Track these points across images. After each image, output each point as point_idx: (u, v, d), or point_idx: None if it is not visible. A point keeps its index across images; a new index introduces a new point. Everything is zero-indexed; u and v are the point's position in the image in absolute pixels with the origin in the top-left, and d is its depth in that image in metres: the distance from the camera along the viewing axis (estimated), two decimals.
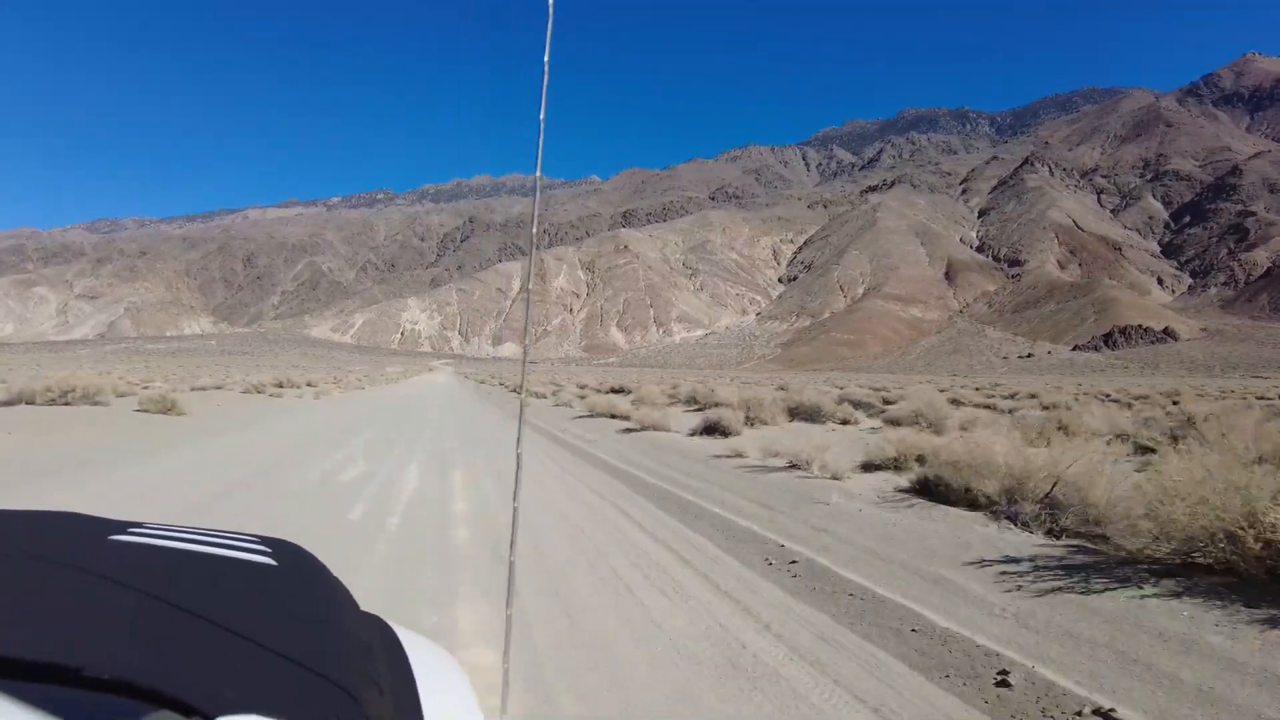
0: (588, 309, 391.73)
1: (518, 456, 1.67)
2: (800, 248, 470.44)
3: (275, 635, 0.51)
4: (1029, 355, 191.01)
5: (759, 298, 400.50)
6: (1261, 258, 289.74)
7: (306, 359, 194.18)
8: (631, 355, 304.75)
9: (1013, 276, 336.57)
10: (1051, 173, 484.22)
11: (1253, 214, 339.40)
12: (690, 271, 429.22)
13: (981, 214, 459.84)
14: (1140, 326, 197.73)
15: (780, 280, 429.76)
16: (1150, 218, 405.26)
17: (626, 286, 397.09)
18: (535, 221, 1.62)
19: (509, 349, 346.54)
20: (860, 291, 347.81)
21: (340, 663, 0.52)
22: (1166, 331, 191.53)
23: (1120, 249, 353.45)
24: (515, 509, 1.63)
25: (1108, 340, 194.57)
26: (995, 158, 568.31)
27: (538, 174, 1.50)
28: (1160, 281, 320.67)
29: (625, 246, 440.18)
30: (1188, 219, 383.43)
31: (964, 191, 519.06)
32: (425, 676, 0.65)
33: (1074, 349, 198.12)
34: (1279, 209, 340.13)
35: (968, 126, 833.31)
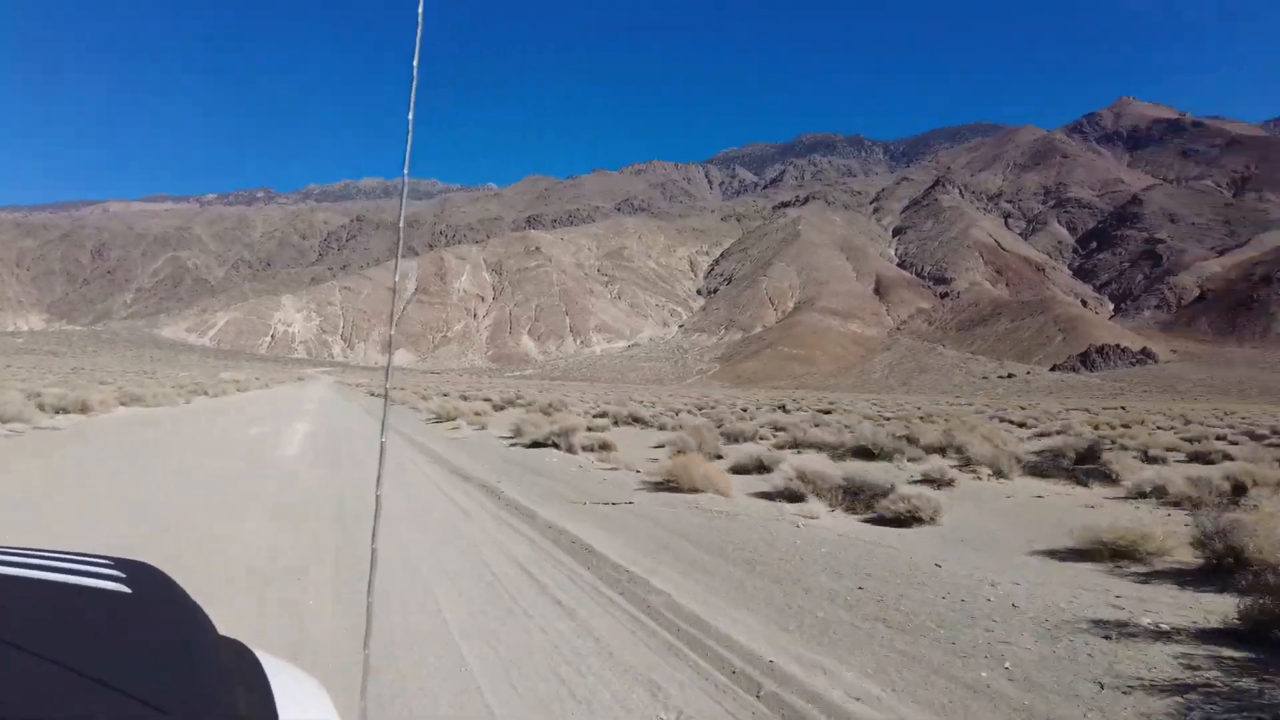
0: (495, 314, 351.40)
1: (381, 445, 1.61)
2: (717, 260, 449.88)
3: (121, 673, 0.46)
4: (1009, 375, 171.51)
5: (679, 309, 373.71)
6: (1188, 282, 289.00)
7: (129, 361, 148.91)
8: (548, 366, 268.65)
9: (942, 295, 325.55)
10: (962, 195, 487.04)
11: (1162, 241, 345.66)
12: (606, 279, 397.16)
13: (897, 232, 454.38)
14: (1118, 347, 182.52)
15: (699, 292, 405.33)
16: (1059, 242, 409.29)
17: (539, 291, 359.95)
18: (402, 215, 1.64)
19: (403, 356, 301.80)
20: (791, 305, 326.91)
21: (191, 700, 0.48)
22: (1145, 352, 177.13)
23: (1043, 270, 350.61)
24: (378, 497, 1.59)
25: (1084, 360, 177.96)
26: (905, 179, 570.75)
27: (404, 173, 1.50)
28: (1084, 303, 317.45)
29: (536, 248, 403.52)
30: (1095, 244, 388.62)
31: (876, 210, 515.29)
32: (287, 703, 0.60)
33: (1053, 369, 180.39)
34: (1182, 237, 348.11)
35: (864, 152, 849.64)
